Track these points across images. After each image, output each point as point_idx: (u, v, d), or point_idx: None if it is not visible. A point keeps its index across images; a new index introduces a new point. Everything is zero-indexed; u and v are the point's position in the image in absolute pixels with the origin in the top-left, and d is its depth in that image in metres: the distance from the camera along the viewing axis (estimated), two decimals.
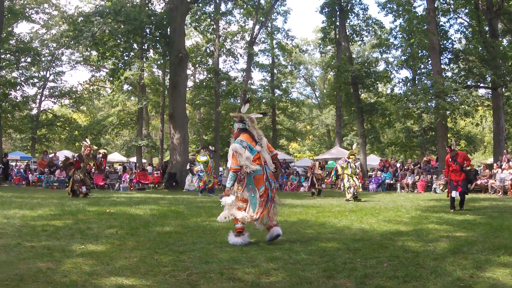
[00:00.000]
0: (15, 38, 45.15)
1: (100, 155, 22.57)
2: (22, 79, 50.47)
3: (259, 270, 6.71)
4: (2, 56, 40.22)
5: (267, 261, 7.28)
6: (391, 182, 33.55)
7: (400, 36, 42.36)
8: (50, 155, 37.83)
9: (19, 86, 49.15)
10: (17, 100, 48.76)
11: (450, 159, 16.14)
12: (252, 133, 9.64)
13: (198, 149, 25.84)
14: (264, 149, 9.68)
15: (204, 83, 49.42)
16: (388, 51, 45.26)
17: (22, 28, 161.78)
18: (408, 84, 43.00)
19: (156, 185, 34.51)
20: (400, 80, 46.44)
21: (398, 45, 43.29)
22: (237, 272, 6.59)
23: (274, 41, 52.06)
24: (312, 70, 79.31)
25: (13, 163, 43.12)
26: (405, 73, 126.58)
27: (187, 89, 44.07)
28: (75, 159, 21.23)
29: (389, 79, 44.41)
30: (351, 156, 23.37)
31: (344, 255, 7.82)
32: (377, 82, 43.49)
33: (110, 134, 55.55)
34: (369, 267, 6.89)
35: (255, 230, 9.95)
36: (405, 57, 41.63)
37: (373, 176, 34.58)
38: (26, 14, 46.57)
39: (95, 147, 23.01)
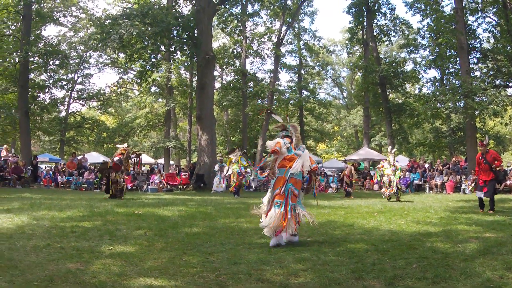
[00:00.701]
0: (43, 41, 45.47)
1: (134, 156, 22.75)
2: (51, 81, 50.89)
3: (287, 271, 6.72)
4: (31, 59, 40.54)
5: (296, 262, 7.28)
6: (420, 183, 33.27)
7: (428, 35, 41.97)
8: (79, 157, 38.04)
9: (47, 89, 49.56)
10: (46, 103, 49.13)
11: (480, 157, 15.97)
12: (292, 139, 9.94)
13: (237, 150, 25.71)
14: (303, 156, 9.70)
15: (231, 85, 49.47)
16: (416, 51, 44.99)
17: (50, 31, 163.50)
18: (436, 84, 42.57)
19: (184, 187, 34.56)
20: (428, 80, 46.19)
21: (426, 45, 42.99)
22: (266, 273, 6.60)
23: (301, 42, 51.96)
24: (340, 70, 79.21)
25: (42, 165, 43.48)
26: (433, 73, 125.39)
27: (215, 90, 44.10)
28: (113, 163, 21.36)
29: (417, 79, 44.14)
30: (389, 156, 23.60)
31: (373, 256, 7.81)
32: (405, 82, 43.26)
33: (138, 136, 55.85)
34: (398, 268, 6.87)
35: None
36: (433, 57, 41.26)
37: (402, 177, 34.35)
38: (54, 17, 46.84)
39: (128, 149, 23.15)
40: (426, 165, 35.19)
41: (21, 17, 39.19)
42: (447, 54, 38.36)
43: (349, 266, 6.98)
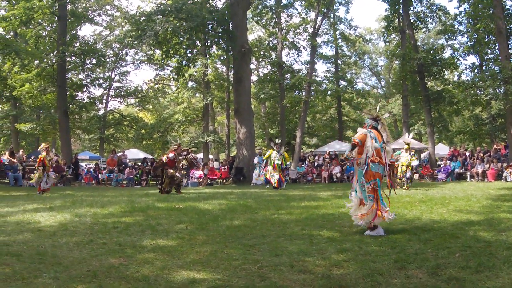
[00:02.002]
0: (79, 40, 45.90)
1: (185, 153, 22.91)
2: (88, 80, 51.41)
3: (329, 262, 6.70)
4: (68, 59, 40.95)
5: (338, 253, 7.27)
6: (461, 171, 32.91)
7: (466, 21, 41.42)
8: (119, 154, 38.36)
9: (85, 88, 50.03)
10: (84, 102, 49.60)
11: None
12: (382, 134, 9.93)
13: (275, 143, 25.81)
14: (387, 151, 9.96)
15: (268, 77, 49.34)
16: (454, 37, 44.31)
17: (86, 31, 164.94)
18: (476, 70, 42.03)
19: (224, 180, 34.67)
20: (467, 67, 45.59)
21: (464, 30, 42.41)
22: (308, 264, 6.60)
23: (337, 32, 51.52)
24: (377, 59, 78.43)
25: (83, 163, 43.96)
26: (472, 59, 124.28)
27: (251, 83, 44.09)
28: (168, 159, 21.53)
29: (456, 66, 43.49)
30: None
31: (415, 246, 7.76)
32: (444, 70, 42.65)
33: (176, 131, 56.17)
34: (441, 257, 6.82)
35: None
36: (471, 43, 40.79)
37: (442, 165, 34.01)
38: (89, 16, 47.26)
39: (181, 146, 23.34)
40: (467, 153, 34.83)
41: (56, 18, 39.61)
42: (486, 40, 37.86)
43: (391, 256, 6.95)
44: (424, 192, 20.02)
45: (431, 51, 42.13)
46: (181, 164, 23.12)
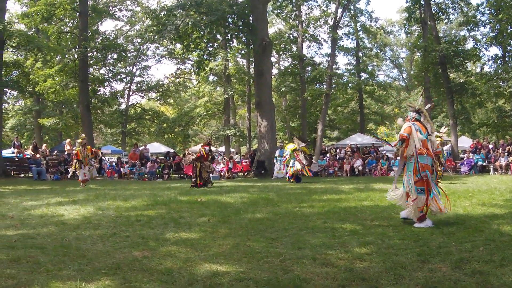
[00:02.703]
0: (100, 36, 46.13)
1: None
2: (110, 75, 51.81)
3: (352, 255, 6.70)
4: (90, 54, 41.13)
5: (360, 246, 7.26)
6: (484, 164, 32.69)
7: (488, 12, 41.02)
8: (141, 148, 38.57)
9: (107, 82, 50.36)
10: (106, 96, 49.90)
11: None
12: (426, 126, 9.98)
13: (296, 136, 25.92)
14: (432, 143, 10.07)
15: (289, 70, 49.28)
16: (476, 28, 43.89)
17: (107, 26, 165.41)
18: (499, 61, 41.65)
19: (245, 174, 34.71)
20: (490, 58, 45.27)
21: (486, 21, 41.99)
22: (330, 257, 6.60)
23: (358, 24, 51.23)
24: (398, 51, 78.16)
25: (106, 157, 44.19)
26: (494, 50, 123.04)
27: (272, 76, 44.03)
28: (198, 153, 21.61)
29: (479, 58, 43.08)
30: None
31: (438, 239, 7.73)
32: (466, 61, 42.32)
33: (198, 125, 56.43)
34: (464, 251, 6.79)
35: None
36: (494, 34, 40.40)
37: (465, 158, 33.80)
38: (110, 12, 47.44)
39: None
40: (490, 146, 34.53)
41: (78, 13, 39.73)
42: (509, 30, 37.50)
43: (415, 250, 6.92)
44: (447, 185, 19.88)
45: (453, 43, 41.79)
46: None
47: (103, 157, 39.10)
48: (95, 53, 43.00)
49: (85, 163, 23.51)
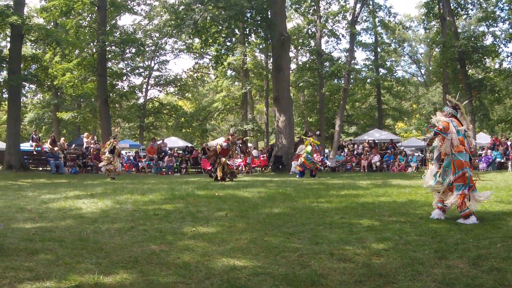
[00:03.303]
0: (119, 30, 46.32)
1: (240, 142, 22.99)
2: (128, 69, 52.05)
3: (369, 251, 6.69)
4: (108, 49, 41.28)
5: (377, 242, 7.25)
6: (502, 160, 32.48)
7: (507, 8, 40.77)
8: (158, 142, 38.66)
9: (125, 77, 50.61)
10: (124, 90, 50.17)
11: None
12: (462, 122, 9.93)
13: (306, 133, 25.93)
14: (469, 139, 9.97)
15: (307, 65, 49.21)
16: (495, 24, 43.63)
17: (125, 21, 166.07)
18: None
19: (263, 169, 34.71)
20: (509, 54, 44.98)
21: (506, 17, 41.72)
22: (348, 252, 6.60)
23: (377, 19, 51.04)
24: (417, 47, 77.75)
25: (123, 151, 44.42)
26: None
27: (290, 71, 43.98)
28: (221, 148, 21.63)
29: (497, 54, 42.83)
30: None
31: (456, 236, 7.70)
32: (485, 57, 42.08)
33: (215, 120, 56.51)
34: (482, 248, 6.75)
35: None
36: None
37: (483, 155, 33.61)
38: (128, 6, 47.52)
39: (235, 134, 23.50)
40: (509, 143, 34.28)
41: (96, 8, 39.90)
42: None
43: (432, 246, 6.90)
44: None
45: (472, 38, 41.56)
46: (236, 153, 23.05)
47: (120, 152, 39.33)
48: (113, 47, 43.20)
49: (115, 155, 24.13)
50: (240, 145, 23.13)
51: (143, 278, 5.44)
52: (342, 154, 36.80)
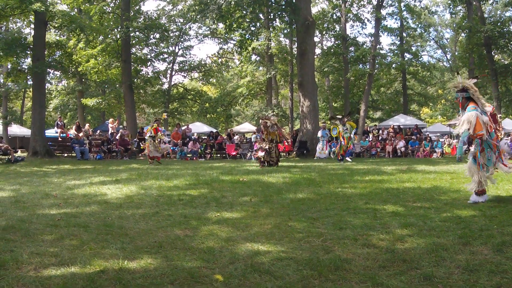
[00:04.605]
0: (143, 16, 46.36)
1: (276, 127, 22.82)
2: (152, 55, 52.16)
3: (393, 236, 6.67)
4: (132, 34, 41.42)
5: (401, 228, 7.22)
6: None
7: None
8: (183, 128, 38.74)
9: (149, 62, 50.75)
10: (149, 76, 50.37)
11: None
12: (477, 102, 9.67)
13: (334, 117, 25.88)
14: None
15: (332, 50, 49.11)
16: None
17: (149, 6, 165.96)
18: None
19: (287, 154, 34.70)
20: None
21: None
22: (372, 238, 6.59)
23: (402, 4, 50.72)
24: (443, 32, 77.01)
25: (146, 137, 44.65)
26: None
27: (315, 56, 43.85)
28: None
29: None
30: None
31: (480, 222, 7.64)
32: (511, 42, 41.70)
33: (240, 105, 56.54)
34: (507, 234, 6.70)
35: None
36: None
37: (509, 141, 33.34)
38: None
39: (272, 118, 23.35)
40: None
41: None
42: None
43: (456, 232, 6.86)
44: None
45: (499, 24, 41.20)
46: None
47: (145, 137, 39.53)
48: (137, 33, 43.32)
49: (156, 140, 24.48)
50: (277, 131, 22.86)
51: (167, 263, 5.48)
52: (367, 139, 36.68)
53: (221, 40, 56.61)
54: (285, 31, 48.08)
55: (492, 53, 40.79)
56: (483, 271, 5.01)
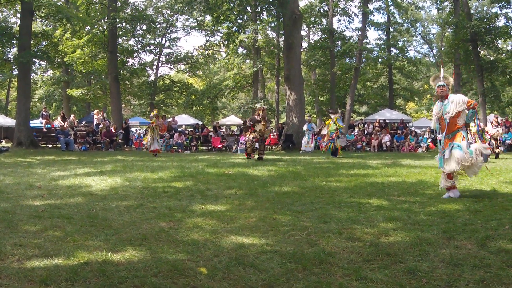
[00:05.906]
0: (130, 7, 46.22)
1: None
2: (139, 46, 52.07)
3: (378, 230, 6.69)
4: (119, 25, 41.33)
5: (386, 222, 7.25)
6: None
7: None
8: (169, 120, 38.72)
9: (136, 54, 50.68)
10: (135, 67, 50.22)
11: None
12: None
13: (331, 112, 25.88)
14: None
15: (318, 44, 49.10)
16: (508, 6, 43.30)
17: None
18: None
19: (273, 147, 34.72)
20: None
21: None
22: (356, 232, 6.60)
23: None
24: (429, 27, 77.27)
25: (133, 129, 44.50)
26: None
27: (302, 50, 43.89)
28: (250, 123, 21.60)
29: (510, 35, 42.55)
30: None
31: (464, 217, 7.68)
32: (497, 39, 41.85)
33: (226, 97, 56.56)
34: (490, 229, 6.73)
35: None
36: None
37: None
38: None
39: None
40: None
41: None
42: None
43: (440, 226, 6.89)
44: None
45: (485, 20, 41.32)
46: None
47: (130, 129, 39.42)
48: (124, 24, 43.20)
49: (157, 133, 24.40)
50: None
51: (151, 256, 5.46)
52: (352, 133, 36.75)
53: (208, 32, 56.47)
54: (272, 24, 48.08)
55: (478, 49, 40.95)
56: (466, 266, 5.03)
